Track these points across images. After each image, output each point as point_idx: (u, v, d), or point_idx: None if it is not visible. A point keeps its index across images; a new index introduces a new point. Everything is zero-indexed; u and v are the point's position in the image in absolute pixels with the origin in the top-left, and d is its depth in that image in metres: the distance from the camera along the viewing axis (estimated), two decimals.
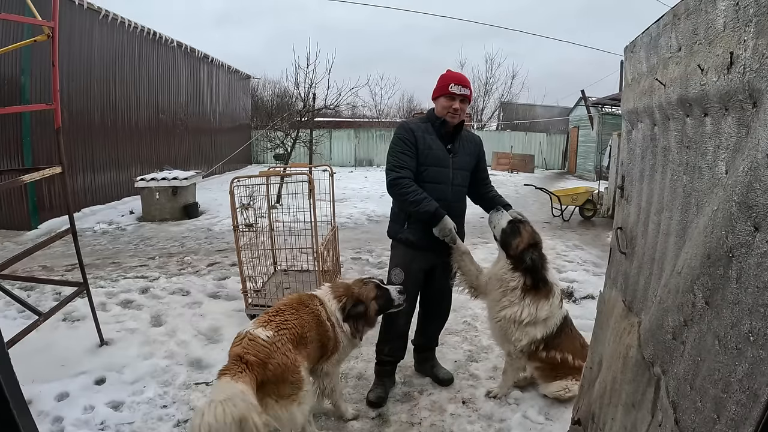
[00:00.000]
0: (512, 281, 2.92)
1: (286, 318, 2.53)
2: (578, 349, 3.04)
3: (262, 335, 2.37)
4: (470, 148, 3.14)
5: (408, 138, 2.96)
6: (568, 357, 2.98)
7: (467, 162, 3.11)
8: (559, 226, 9.22)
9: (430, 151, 2.97)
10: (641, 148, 1.85)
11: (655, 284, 1.61)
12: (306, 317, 2.59)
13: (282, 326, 2.47)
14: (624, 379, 1.67)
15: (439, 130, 3.02)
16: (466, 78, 3.05)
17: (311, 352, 2.57)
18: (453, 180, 3.03)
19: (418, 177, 2.97)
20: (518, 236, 2.92)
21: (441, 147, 3.01)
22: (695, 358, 1.18)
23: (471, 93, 3.06)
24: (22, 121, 8.42)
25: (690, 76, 1.32)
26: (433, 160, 2.97)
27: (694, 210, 1.36)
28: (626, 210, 2.03)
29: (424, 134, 2.99)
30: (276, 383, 2.27)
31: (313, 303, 2.71)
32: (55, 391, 3.05)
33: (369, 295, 2.82)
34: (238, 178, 4.08)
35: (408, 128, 3.01)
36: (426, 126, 3.04)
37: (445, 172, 3.00)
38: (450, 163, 3.02)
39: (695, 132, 1.36)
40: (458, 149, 3.06)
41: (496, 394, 3.09)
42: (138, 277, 5.55)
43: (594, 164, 17.53)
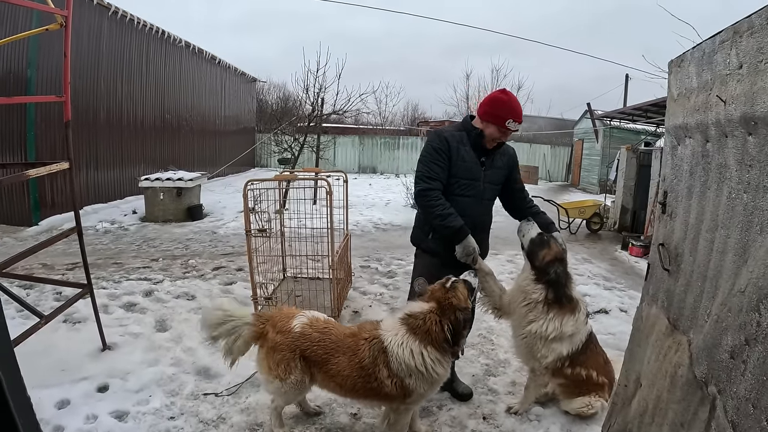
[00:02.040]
0: (534, 293, 2.85)
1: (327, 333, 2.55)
2: (602, 366, 2.98)
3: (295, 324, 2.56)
4: (503, 160, 3.01)
5: (442, 148, 2.83)
6: (593, 374, 2.91)
7: (499, 175, 3.00)
8: (566, 239, 9.09)
9: (463, 163, 2.85)
10: (689, 164, 1.80)
11: (707, 302, 1.57)
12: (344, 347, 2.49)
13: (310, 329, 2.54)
14: (672, 398, 1.62)
15: (476, 141, 2.88)
16: (521, 109, 2.89)
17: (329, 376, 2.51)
18: (483, 194, 2.93)
19: (448, 189, 2.86)
20: (546, 248, 2.86)
21: (474, 159, 2.88)
22: (759, 378, 1.16)
23: None
24: (26, 116, 8.33)
25: (758, 95, 1.29)
26: (464, 173, 2.86)
27: (757, 229, 1.32)
28: (670, 226, 1.96)
29: (459, 145, 2.86)
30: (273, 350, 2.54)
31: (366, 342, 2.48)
32: (55, 398, 2.92)
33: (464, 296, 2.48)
34: (252, 181, 3.99)
35: (443, 137, 2.87)
36: (461, 135, 2.90)
37: (476, 185, 2.90)
38: (482, 177, 2.90)
39: (759, 151, 1.32)
40: (492, 163, 2.94)
41: (517, 410, 3.00)
42: (141, 279, 5.45)
43: (598, 177, 17.50)
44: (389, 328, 2.47)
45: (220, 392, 3.12)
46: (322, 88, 11.32)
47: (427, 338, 2.36)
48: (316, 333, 2.52)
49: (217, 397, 3.08)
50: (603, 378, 2.93)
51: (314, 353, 2.48)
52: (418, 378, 2.37)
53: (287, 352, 2.50)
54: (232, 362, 2.65)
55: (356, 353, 2.43)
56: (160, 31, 13.00)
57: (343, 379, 2.44)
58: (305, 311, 2.69)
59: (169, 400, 3.03)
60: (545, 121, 29.12)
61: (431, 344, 2.36)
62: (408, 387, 2.39)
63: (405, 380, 2.38)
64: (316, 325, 2.57)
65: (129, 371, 3.31)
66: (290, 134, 12.19)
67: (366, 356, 2.41)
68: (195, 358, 3.56)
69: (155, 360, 3.52)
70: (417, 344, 2.36)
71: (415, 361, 2.35)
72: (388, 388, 2.39)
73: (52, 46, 8.06)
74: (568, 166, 23.55)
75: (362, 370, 2.40)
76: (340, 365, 2.44)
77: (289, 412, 2.92)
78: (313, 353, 2.48)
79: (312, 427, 2.84)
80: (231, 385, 3.19)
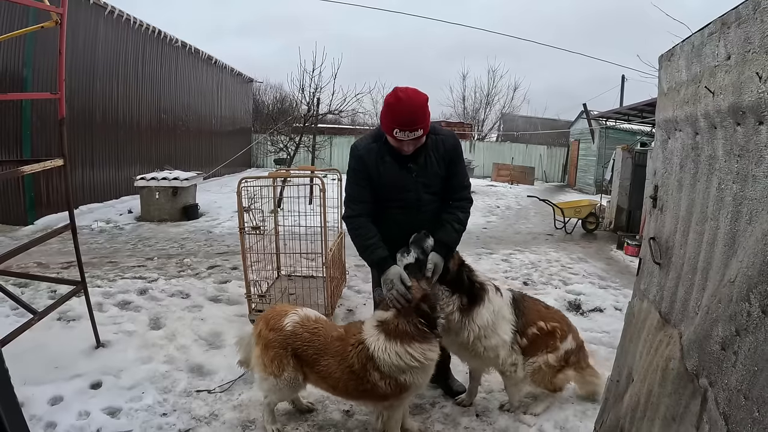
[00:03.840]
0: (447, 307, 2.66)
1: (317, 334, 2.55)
2: (544, 312, 2.99)
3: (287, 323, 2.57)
4: (438, 155, 2.65)
5: (358, 168, 2.63)
6: (542, 324, 2.88)
7: (435, 175, 2.67)
8: (562, 239, 9.17)
9: (387, 178, 2.61)
10: (680, 157, 1.81)
11: (697, 294, 1.58)
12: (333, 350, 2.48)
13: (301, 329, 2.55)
14: (663, 392, 1.62)
15: (392, 151, 2.58)
16: (419, 107, 2.41)
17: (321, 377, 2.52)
18: (419, 202, 2.67)
19: (382, 204, 2.69)
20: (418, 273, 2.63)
21: (399, 170, 2.61)
22: (750, 368, 1.16)
23: (426, 125, 2.47)
24: (22, 115, 8.32)
25: (745, 84, 1.30)
26: (391, 187, 2.63)
27: (746, 219, 1.33)
28: (660, 220, 1.96)
29: (377, 159, 2.59)
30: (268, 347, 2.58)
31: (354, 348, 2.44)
32: (48, 395, 2.91)
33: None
34: (246, 179, 3.99)
35: (358, 156, 2.63)
36: (378, 147, 2.61)
37: (409, 196, 2.65)
38: (414, 185, 2.64)
39: (748, 140, 1.33)
40: (424, 164, 2.63)
41: (509, 408, 3.00)
42: (136, 278, 5.42)
43: (594, 178, 17.55)
44: (370, 333, 2.41)
45: (212, 389, 3.11)
46: (317, 88, 11.32)
47: (406, 337, 2.34)
48: (306, 333, 2.53)
49: (209, 394, 3.07)
50: (551, 324, 2.91)
51: (305, 353, 2.49)
52: (412, 372, 2.36)
53: (279, 349, 2.51)
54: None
55: (345, 358, 2.42)
56: (156, 30, 12.97)
57: (335, 381, 2.45)
58: (298, 309, 2.69)
59: (162, 396, 3.02)
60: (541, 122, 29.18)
61: (414, 340, 2.33)
62: (404, 383, 2.37)
63: (399, 378, 2.36)
64: (307, 324, 2.57)
65: (122, 368, 3.30)
66: (286, 134, 12.18)
67: (355, 362, 2.39)
68: (188, 355, 3.55)
69: (149, 357, 3.50)
70: (400, 346, 2.33)
71: (403, 360, 2.32)
72: (382, 389, 2.37)
73: (48, 45, 8.04)
74: (565, 166, 23.61)
75: (353, 374, 2.40)
76: (330, 368, 2.45)
77: (281, 409, 2.91)
78: (304, 353, 2.49)
79: (304, 424, 2.83)
80: (224, 382, 3.18)
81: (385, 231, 2.66)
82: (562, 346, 2.91)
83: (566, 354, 2.93)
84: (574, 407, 3.05)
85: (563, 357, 2.92)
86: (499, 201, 14.47)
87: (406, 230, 2.65)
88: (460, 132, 25.49)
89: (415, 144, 2.50)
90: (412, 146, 2.50)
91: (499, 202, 14.30)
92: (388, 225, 2.70)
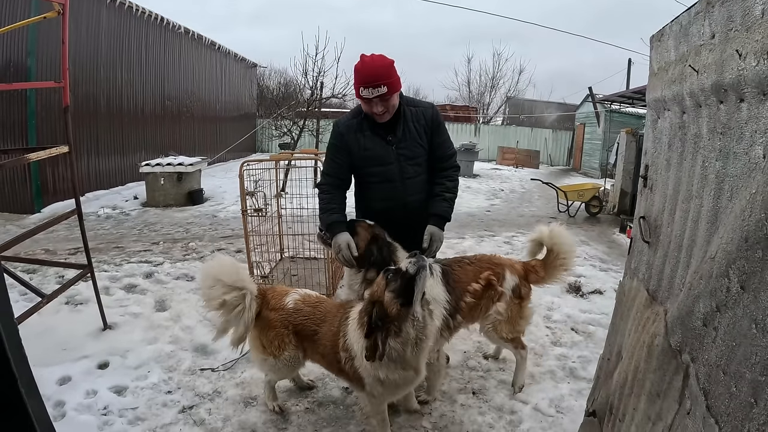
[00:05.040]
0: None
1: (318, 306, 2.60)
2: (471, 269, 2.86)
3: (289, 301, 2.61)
4: (419, 126, 2.72)
5: (336, 143, 2.74)
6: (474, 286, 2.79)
7: (415, 147, 2.73)
8: (565, 222, 9.15)
9: (366, 151, 2.69)
10: (668, 136, 1.83)
11: (682, 272, 1.60)
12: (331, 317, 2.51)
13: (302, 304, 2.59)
14: (648, 368, 1.65)
15: (370, 122, 2.69)
16: (381, 66, 2.53)
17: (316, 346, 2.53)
18: (402, 174, 2.71)
19: (366, 178, 2.77)
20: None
21: (379, 142, 2.69)
22: (729, 344, 1.17)
23: (392, 84, 2.53)
24: (27, 104, 8.36)
25: (726, 62, 1.32)
26: (372, 160, 2.70)
27: (728, 195, 1.36)
28: (650, 199, 1.99)
29: (357, 134, 2.69)
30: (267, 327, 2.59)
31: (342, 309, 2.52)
32: (56, 375, 3.00)
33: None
34: (248, 162, 4.03)
35: (338, 132, 2.74)
36: (359, 122, 2.71)
37: (391, 168, 2.70)
38: (394, 157, 2.69)
39: (730, 118, 1.35)
40: (403, 136, 2.69)
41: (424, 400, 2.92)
42: (142, 262, 5.52)
43: (599, 161, 17.44)
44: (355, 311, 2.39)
45: (216, 368, 3.20)
46: (321, 72, 11.29)
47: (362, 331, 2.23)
48: (307, 307, 2.57)
49: (213, 372, 3.16)
50: (483, 277, 2.82)
51: (306, 327, 2.53)
52: (361, 364, 2.26)
53: (281, 329, 2.55)
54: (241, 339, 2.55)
55: (332, 324, 2.47)
56: (159, 17, 12.92)
57: (323, 348, 2.48)
58: (297, 289, 2.73)
59: (167, 375, 3.12)
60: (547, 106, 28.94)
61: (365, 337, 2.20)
62: (357, 370, 2.31)
63: (354, 361, 2.30)
64: (308, 300, 2.62)
65: (128, 349, 3.40)
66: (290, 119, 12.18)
67: (336, 322, 2.45)
68: (193, 336, 3.64)
69: (154, 338, 3.60)
70: (359, 332, 2.25)
71: (356, 346, 2.27)
72: (342, 363, 2.35)
73: (51, 35, 8.04)
74: (570, 150, 23.45)
75: (333, 337, 2.42)
76: (324, 335, 2.48)
77: (282, 386, 2.99)
78: (305, 327, 2.53)
79: (305, 400, 2.91)
80: (227, 361, 3.27)
81: (370, 204, 2.79)
82: (506, 288, 2.87)
83: (514, 291, 2.89)
84: (569, 386, 3.12)
85: (513, 297, 2.89)
86: (503, 184, 14.45)
87: (392, 205, 2.73)
88: (464, 115, 25.35)
89: (383, 104, 2.56)
90: (380, 106, 2.56)
91: (503, 185, 14.28)
92: (374, 199, 2.79)
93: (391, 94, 2.54)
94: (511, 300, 2.89)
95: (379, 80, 2.48)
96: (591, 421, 2.20)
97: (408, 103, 2.75)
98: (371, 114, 2.62)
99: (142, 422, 2.68)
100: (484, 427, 2.69)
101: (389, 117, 2.64)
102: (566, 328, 3.99)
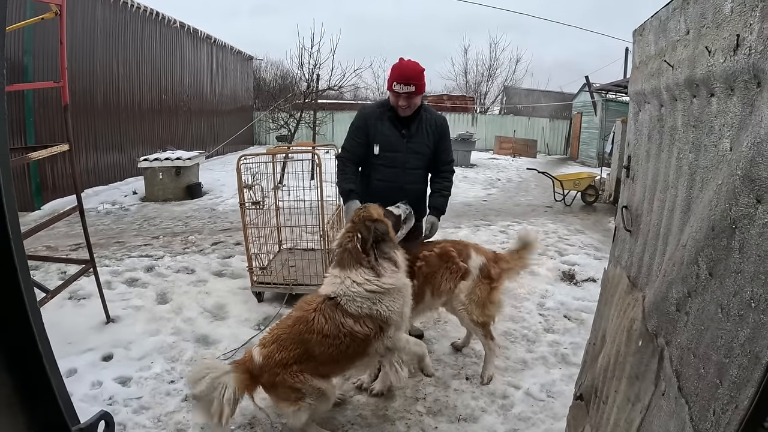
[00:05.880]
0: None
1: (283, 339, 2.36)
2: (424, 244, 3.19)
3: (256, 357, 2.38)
4: (430, 129, 3.17)
5: (359, 125, 3.15)
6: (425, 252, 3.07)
7: (424, 144, 3.16)
8: (561, 211, 9.25)
9: (383, 137, 3.10)
10: (648, 128, 1.89)
11: (659, 259, 1.66)
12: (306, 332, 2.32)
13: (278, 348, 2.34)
14: (628, 351, 1.72)
15: (392, 114, 3.11)
16: (414, 70, 3.00)
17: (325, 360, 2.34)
18: (407, 164, 3.12)
19: (375, 160, 3.13)
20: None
21: (395, 133, 3.11)
22: (698, 327, 1.22)
23: (419, 86, 2.99)
24: (24, 102, 8.38)
25: (698, 58, 1.36)
26: (386, 146, 3.10)
27: (699, 186, 1.41)
28: (632, 189, 2.06)
29: (377, 121, 3.11)
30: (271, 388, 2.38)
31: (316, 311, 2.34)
32: (63, 368, 3.01)
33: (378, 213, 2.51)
34: (245, 156, 4.10)
35: (362, 115, 3.18)
36: (382, 112, 3.14)
37: (399, 156, 3.11)
38: (404, 148, 3.11)
39: (701, 112, 1.40)
40: (415, 133, 3.13)
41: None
42: (142, 256, 5.60)
43: (597, 150, 17.48)
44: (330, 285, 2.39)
45: (217, 357, 3.28)
46: (316, 64, 11.30)
47: (350, 260, 2.34)
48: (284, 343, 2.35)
49: None
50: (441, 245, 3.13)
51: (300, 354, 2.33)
52: (379, 299, 2.31)
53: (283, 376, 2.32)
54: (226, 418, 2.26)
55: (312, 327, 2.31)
56: (154, 12, 12.88)
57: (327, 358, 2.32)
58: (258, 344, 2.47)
59: (170, 365, 3.21)
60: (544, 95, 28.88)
61: (357, 263, 2.33)
62: (380, 315, 2.32)
63: (372, 311, 2.30)
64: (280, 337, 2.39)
65: (132, 341, 3.49)
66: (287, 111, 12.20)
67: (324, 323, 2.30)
68: (194, 327, 3.73)
69: (156, 330, 3.69)
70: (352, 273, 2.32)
71: (361, 288, 2.30)
72: (362, 333, 2.30)
73: (47, 33, 8.06)
74: (567, 139, 23.46)
75: (332, 339, 2.29)
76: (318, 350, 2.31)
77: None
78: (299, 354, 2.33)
79: None
80: (227, 351, 3.36)
81: (373, 183, 3.16)
82: (471, 265, 3.08)
83: (482, 271, 3.09)
84: (561, 371, 3.21)
85: (482, 277, 3.07)
86: (500, 174, 14.52)
87: (392, 186, 3.09)
88: (462, 105, 25.31)
89: (409, 101, 2.99)
90: (405, 101, 2.99)
91: (500, 174, 14.35)
92: (377, 179, 3.15)
93: (417, 94, 3.00)
94: (479, 280, 3.07)
95: (410, 80, 2.95)
96: (578, 404, 2.29)
97: (426, 110, 3.21)
98: (396, 106, 3.04)
99: (146, 411, 2.78)
100: (476, 410, 2.79)
101: (410, 113, 3.07)
102: (559, 315, 4.08)
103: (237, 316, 3.93)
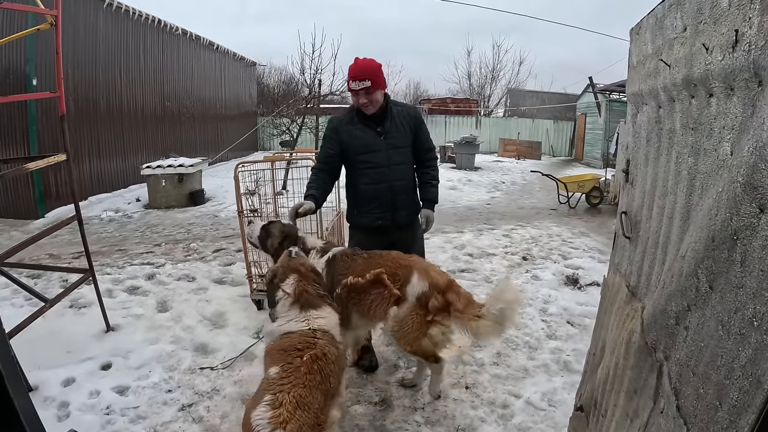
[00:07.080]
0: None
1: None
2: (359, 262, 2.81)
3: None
4: (404, 122, 3.16)
5: (329, 135, 3.15)
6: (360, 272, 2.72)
7: (402, 138, 3.15)
8: (565, 213, 9.18)
9: (357, 140, 3.08)
10: (646, 131, 1.83)
11: (659, 269, 1.59)
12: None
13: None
14: (626, 364, 1.65)
15: (363, 117, 3.10)
16: (368, 66, 3.01)
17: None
18: (390, 160, 3.10)
19: (358, 165, 3.11)
20: (270, 237, 2.92)
21: (370, 132, 3.09)
22: (698, 344, 1.16)
23: (375, 81, 2.95)
24: (27, 111, 8.43)
25: (695, 56, 1.30)
26: (362, 148, 3.08)
27: (698, 193, 1.34)
28: (631, 194, 2.00)
29: (348, 126, 3.11)
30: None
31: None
32: (61, 377, 3.09)
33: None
34: (243, 164, 4.08)
35: (332, 127, 3.17)
36: (351, 117, 3.13)
37: (379, 155, 3.09)
38: (383, 145, 3.09)
39: (700, 113, 1.33)
40: (390, 128, 3.11)
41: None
42: (144, 264, 5.59)
43: (601, 151, 17.36)
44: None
45: (215, 366, 3.27)
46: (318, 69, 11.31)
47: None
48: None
49: (212, 371, 3.23)
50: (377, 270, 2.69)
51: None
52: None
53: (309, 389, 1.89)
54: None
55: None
56: (156, 20, 12.94)
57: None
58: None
59: (168, 374, 3.19)
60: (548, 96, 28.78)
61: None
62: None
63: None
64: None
65: (131, 350, 3.47)
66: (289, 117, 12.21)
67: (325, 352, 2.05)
68: (193, 335, 3.71)
69: (156, 338, 3.67)
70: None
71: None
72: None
73: (49, 42, 7.99)
74: (572, 140, 23.34)
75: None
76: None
77: None
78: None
79: None
80: (226, 359, 3.33)
81: (360, 188, 3.12)
82: (408, 293, 2.64)
83: (420, 300, 2.64)
84: (563, 379, 3.15)
85: (418, 306, 2.64)
86: (504, 176, 14.44)
87: (380, 187, 3.08)
88: (465, 108, 25.27)
89: (369, 98, 2.99)
90: (365, 98, 2.98)
91: (504, 177, 14.28)
92: (364, 182, 3.12)
93: (374, 89, 2.98)
94: (414, 308, 2.65)
95: (364, 76, 2.95)
96: (579, 416, 2.24)
97: (395, 104, 3.21)
98: (358, 105, 3.04)
99: (143, 420, 2.76)
100: (476, 421, 2.74)
101: (374, 110, 3.06)
102: (562, 321, 4.02)
103: (236, 324, 3.91)
